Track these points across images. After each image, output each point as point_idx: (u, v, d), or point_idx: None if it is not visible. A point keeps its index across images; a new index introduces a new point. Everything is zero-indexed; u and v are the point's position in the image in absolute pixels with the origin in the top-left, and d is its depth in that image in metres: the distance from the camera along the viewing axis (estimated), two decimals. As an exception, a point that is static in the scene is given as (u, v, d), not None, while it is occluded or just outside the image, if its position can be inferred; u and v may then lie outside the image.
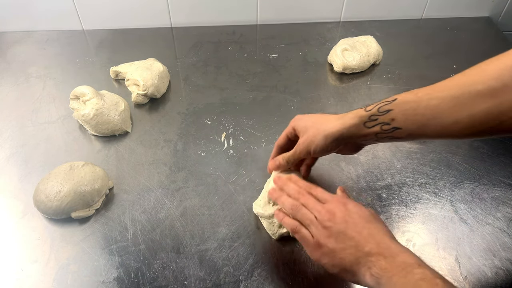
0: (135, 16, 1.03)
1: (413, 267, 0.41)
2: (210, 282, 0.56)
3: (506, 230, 0.62)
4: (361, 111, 0.52)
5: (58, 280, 0.56)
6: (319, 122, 0.55)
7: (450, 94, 0.45)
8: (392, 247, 0.44)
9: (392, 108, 0.49)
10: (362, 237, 0.45)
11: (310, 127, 0.55)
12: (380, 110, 0.50)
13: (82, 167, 0.64)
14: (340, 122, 0.53)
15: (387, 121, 0.49)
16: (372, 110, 0.51)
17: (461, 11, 1.11)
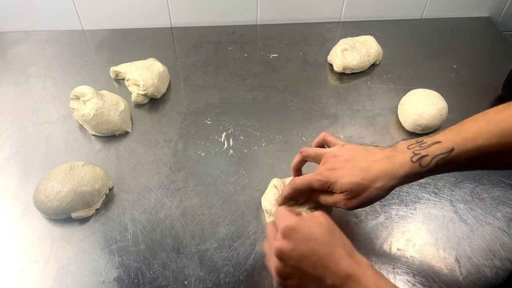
0: (135, 16, 1.03)
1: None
2: (210, 282, 0.56)
3: (506, 230, 0.62)
4: (415, 167, 0.47)
5: (58, 280, 0.56)
6: (366, 183, 0.48)
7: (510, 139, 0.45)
8: (351, 273, 0.41)
9: (451, 160, 0.47)
10: (320, 270, 0.42)
11: (357, 190, 0.49)
12: (438, 164, 0.47)
13: (82, 167, 0.64)
14: (394, 182, 0.48)
15: (445, 170, 0.48)
16: (430, 165, 0.47)
17: (461, 11, 1.11)
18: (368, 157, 0.50)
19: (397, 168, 0.48)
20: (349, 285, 0.40)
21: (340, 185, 0.49)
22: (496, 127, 0.46)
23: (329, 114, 0.82)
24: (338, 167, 0.50)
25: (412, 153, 0.48)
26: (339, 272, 0.41)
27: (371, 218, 0.64)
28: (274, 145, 0.75)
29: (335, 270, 0.41)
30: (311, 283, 0.42)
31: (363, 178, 0.48)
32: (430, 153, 0.47)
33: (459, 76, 0.91)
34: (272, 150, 0.74)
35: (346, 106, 0.84)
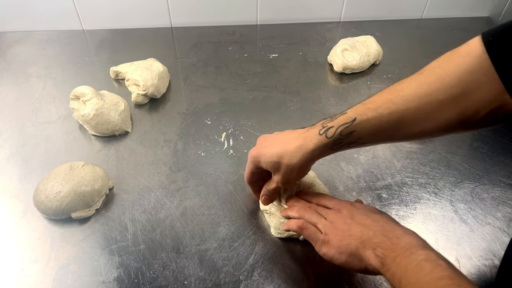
0: (135, 16, 1.03)
1: (417, 248, 0.41)
2: (210, 282, 0.56)
3: (506, 230, 0.62)
4: (322, 139, 0.50)
5: (58, 280, 0.56)
6: (281, 156, 0.52)
7: (412, 106, 0.46)
8: (396, 229, 0.45)
9: (354, 129, 0.49)
10: (367, 223, 0.47)
11: (276, 165, 0.53)
12: (342, 134, 0.49)
13: (82, 167, 0.64)
14: (304, 155, 0.51)
15: (353, 140, 0.50)
16: (334, 135, 0.49)
17: (461, 11, 1.11)
18: (287, 135, 0.54)
19: (308, 142, 0.51)
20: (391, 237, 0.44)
21: (264, 163, 0.54)
22: (396, 95, 0.47)
23: (329, 114, 0.82)
24: (263, 146, 0.55)
25: (321, 126, 0.51)
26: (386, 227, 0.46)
27: (371, 218, 0.64)
28: (274, 145, 0.75)
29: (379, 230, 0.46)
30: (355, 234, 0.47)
31: (279, 156, 0.52)
32: (335, 124, 0.49)
33: (459, 76, 0.91)
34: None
35: (346, 106, 0.83)
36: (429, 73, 0.47)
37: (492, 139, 0.76)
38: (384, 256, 0.42)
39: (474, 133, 0.77)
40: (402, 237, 0.43)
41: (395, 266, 0.41)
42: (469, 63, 0.43)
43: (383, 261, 0.42)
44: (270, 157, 0.53)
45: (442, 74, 0.45)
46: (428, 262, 0.39)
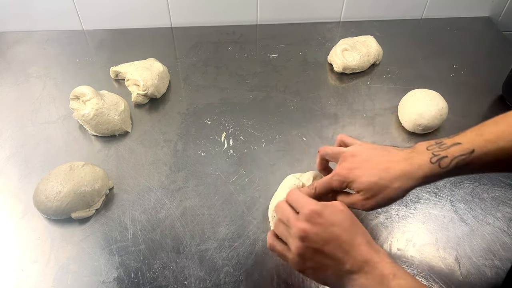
0: (135, 16, 1.03)
1: (389, 280, 0.41)
2: (210, 282, 0.56)
3: (506, 230, 0.62)
4: (434, 168, 0.47)
5: (58, 280, 0.56)
6: (384, 182, 0.48)
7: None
8: (369, 259, 0.42)
9: (471, 161, 0.46)
10: (340, 255, 0.43)
11: (375, 189, 0.48)
12: (458, 165, 0.46)
13: (82, 167, 0.64)
14: (412, 182, 0.47)
15: (466, 171, 0.48)
16: (449, 166, 0.46)
17: (461, 11, 1.11)
18: (387, 157, 0.50)
19: (416, 169, 0.47)
20: (366, 270, 0.42)
21: (358, 184, 0.49)
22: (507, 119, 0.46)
23: (329, 114, 0.82)
24: (357, 166, 0.50)
25: (432, 154, 0.47)
26: (358, 257, 0.42)
27: (371, 218, 0.64)
28: (274, 145, 0.75)
29: (354, 256, 0.43)
30: (329, 267, 0.44)
31: (381, 178, 0.48)
32: (450, 155, 0.46)
33: (459, 76, 0.91)
34: (272, 150, 0.74)
35: (346, 106, 0.84)
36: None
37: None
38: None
39: (474, 133, 0.77)
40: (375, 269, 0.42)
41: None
42: None
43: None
44: (368, 177, 0.48)
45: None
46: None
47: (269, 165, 0.72)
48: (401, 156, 0.49)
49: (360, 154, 0.51)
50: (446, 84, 0.88)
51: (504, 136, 0.45)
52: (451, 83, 0.90)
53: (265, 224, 0.63)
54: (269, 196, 0.66)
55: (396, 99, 0.83)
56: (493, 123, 0.47)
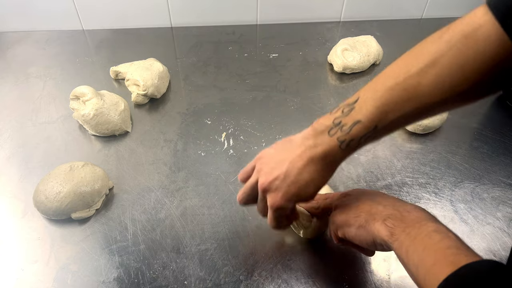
0: (135, 16, 1.03)
1: (427, 221, 0.41)
2: (210, 282, 0.56)
3: (506, 230, 0.62)
4: (347, 151, 0.46)
5: (58, 280, 0.56)
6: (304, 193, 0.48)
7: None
8: (407, 205, 0.45)
9: (376, 134, 0.45)
10: (376, 199, 0.47)
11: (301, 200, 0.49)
12: (367, 141, 0.46)
13: (82, 167, 0.64)
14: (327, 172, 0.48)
15: (373, 141, 0.46)
16: (359, 145, 0.46)
17: (461, 11, 1.10)
18: (291, 158, 0.47)
19: (326, 157, 0.46)
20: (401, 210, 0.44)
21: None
22: (414, 91, 0.43)
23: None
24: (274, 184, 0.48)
25: (337, 140, 0.45)
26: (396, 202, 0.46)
27: (371, 218, 0.64)
28: (274, 145, 0.75)
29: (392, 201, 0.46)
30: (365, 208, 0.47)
31: (298, 195, 0.47)
32: (356, 136, 0.45)
33: (459, 76, 0.91)
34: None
35: (346, 106, 0.84)
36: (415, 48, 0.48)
37: (492, 139, 0.76)
38: (394, 227, 0.42)
39: (474, 133, 0.77)
40: (412, 211, 0.43)
41: (404, 236, 0.41)
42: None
43: (393, 231, 0.42)
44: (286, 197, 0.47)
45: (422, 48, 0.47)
46: (438, 233, 0.40)
47: (269, 165, 0.72)
48: (304, 151, 0.47)
49: (267, 156, 0.52)
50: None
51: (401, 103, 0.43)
52: (451, 83, 0.89)
53: (266, 224, 0.63)
54: (269, 196, 0.66)
55: (396, 99, 0.83)
56: (388, 90, 0.44)
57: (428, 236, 0.39)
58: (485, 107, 0.84)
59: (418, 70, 0.44)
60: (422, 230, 0.40)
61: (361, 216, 0.46)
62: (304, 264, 0.58)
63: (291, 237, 0.61)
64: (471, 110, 0.82)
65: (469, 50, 0.41)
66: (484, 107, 0.84)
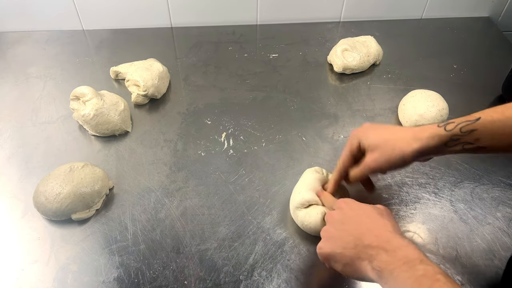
0: (135, 16, 1.03)
1: (414, 263, 0.40)
2: (210, 282, 0.56)
3: (506, 230, 0.62)
4: (440, 130, 0.49)
5: (58, 280, 0.56)
6: (392, 139, 0.52)
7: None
8: (393, 241, 0.43)
9: (476, 128, 0.48)
10: (361, 232, 0.46)
11: (383, 146, 0.52)
12: (462, 130, 0.48)
13: (82, 168, 0.64)
14: (419, 143, 0.49)
15: (470, 141, 0.48)
16: (453, 130, 0.48)
17: (461, 11, 1.11)
18: (397, 127, 0.54)
19: (422, 131, 0.50)
20: (387, 248, 0.43)
21: (367, 140, 0.53)
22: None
23: (329, 114, 0.82)
24: (370, 130, 0.55)
25: (441, 122, 0.50)
26: (380, 237, 0.44)
27: (371, 218, 0.64)
28: (274, 145, 0.75)
29: (376, 235, 0.45)
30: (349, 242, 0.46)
31: (388, 137, 0.52)
32: (457, 121, 0.49)
33: (459, 76, 0.91)
34: (272, 150, 0.74)
35: (346, 106, 0.84)
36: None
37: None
38: (381, 269, 0.42)
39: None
40: (399, 249, 0.42)
41: (393, 281, 0.41)
42: None
43: (380, 274, 0.42)
44: (377, 135, 0.53)
45: None
46: (426, 278, 0.39)
47: (269, 165, 0.72)
48: (410, 127, 0.54)
49: (375, 126, 0.56)
50: (446, 84, 0.88)
51: (509, 107, 0.46)
52: (451, 83, 0.90)
53: (266, 224, 0.63)
54: (269, 196, 0.66)
55: (396, 99, 0.83)
56: (501, 106, 0.49)
57: (418, 282, 0.39)
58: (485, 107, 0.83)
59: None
60: (410, 275, 0.40)
61: (346, 252, 0.46)
62: (304, 264, 0.58)
63: (291, 237, 0.61)
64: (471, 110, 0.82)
65: None
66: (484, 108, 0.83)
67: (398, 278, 0.40)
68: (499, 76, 0.86)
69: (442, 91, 0.78)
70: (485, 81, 0.89)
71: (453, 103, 0.77)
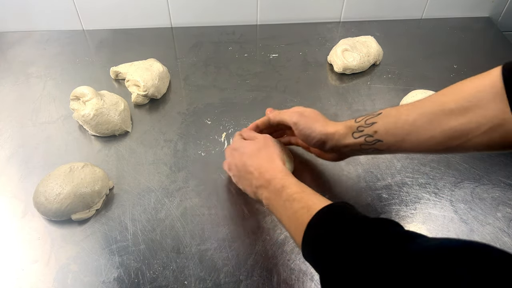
0: (135, 16, 1.03)
1: (280, 191, 0.50)
2: (210, 282, 0.56)
3: (506, 230, 0.62)
4: (351, 122, 0.55)
5: (58, 280, 0.56)
6: (314, 121, 0.59)
7: (427, 110, 0.49)
8: (266, 175, 0.53)
9: (376, 121, 0.52)
10: (249, 176, 0.56)
11: (304, 123, 0.59)
12: (366, 122, 0.53)
13: (82, 168, 0.64)
14: (333, 128, 0.56)
15: (370, 133, 0.53)
16: (360, 121, 0.54)
17: (461, 11, 1.11)
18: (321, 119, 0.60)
19: (338, 127, 0.56)
20: (265, 185, 0.53)
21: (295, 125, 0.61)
22: (419, 101, 0.51)
23: (329, 114, 0.82)
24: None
25: (353, 120, 0.56)
26: (259, 176, 0.54)
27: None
28: (274, 145, 0.75)
29: (257, 176, 0.55)
30: (247, 186, 0.57)
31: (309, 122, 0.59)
32: (367, 115, 0.55)
33: (459, 76, 0.91)
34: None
35: (346, 106, 0.84)
36: (451, 87, 0.51)
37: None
38: (267, 204, 0.53)
39: (474, 133, 0.77)
40: (270, 183, 0.52)
41: (275, 210, 0.51)
42: (483, 83, 0.47)
43: (269, 207, 0.53)
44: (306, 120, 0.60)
45: (461, 87, 0.49)
46: (288, 202, 0.49)
47: (269, 165, 0.72)
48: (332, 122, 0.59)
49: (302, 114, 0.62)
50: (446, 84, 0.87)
51: (406, 106, 0.52)
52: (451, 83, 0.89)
53: (266, 224, 0.63)
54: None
55: (396, 99, 0.83)
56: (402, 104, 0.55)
57: (284, 207, 0.49)
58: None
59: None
60: (281, 202, 0.50)
61: (248, 190, 0.57)
62: (304, 264, 0.58)
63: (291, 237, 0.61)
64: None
65: (470, 81, 0.50)
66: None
67: (277, 208, 0.51)
68: (499, 76, 0.86)
69: (442, 91, 0.78)
70: (485, 81, 0.89)
71: (453, 103, 0.77)
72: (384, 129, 0.51)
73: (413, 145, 0.50)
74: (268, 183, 0.53)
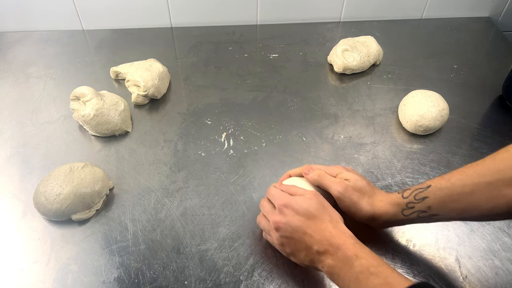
0: (135, 16, 1.03)
1: (352, 260, 0.45)
2: (210, 282, 0.56)
3: (506, 230, 0.62)
4: (398, 197, 0.53)
5: (59, 280, 0.56)
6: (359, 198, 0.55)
7: (483, 180, 0.47)
8: (333, 240, 0.48)
9: (427, 195, 0.51)
10: (308, 239, 0.49)
11: (349, 200, 0.55)
12: (416, 198, 0.51)
13: (82, 168, 0.64)
14: (381, 208, 0.54)
15: (423, 209, 0.51)
16: (409, 197, 0.52)
17: (461, 11, 1.11)
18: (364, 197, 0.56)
19: (386, 207, 0.54)
20: (331, 251, 0.47)
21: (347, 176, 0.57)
22: (470, 169, 0.49)
23: (329, 114, 0.82)
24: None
25: (400, 195, 0.54)
26: (323, 241, 0.48)
27: (371, 218, 0.64)
28: (274, 145, 0.75)
29: (319, 239, 0.48)
30: (301, 250, 0.50)
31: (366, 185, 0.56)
32: (412, 188, 0.53)
33: (459, 76, 0.91)
34: (272, 150, 0.74)
35: (346, 106, 0.84)
36: (504, 151, 0.48)
37: (492, 139, 0.76)
38: (330, 272, 0.48)
39: (474, 133, 0.78)
40: (338, 250, 0.47)
41: (341, 281, 0.47)
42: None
43: (332, 276, 0.48)
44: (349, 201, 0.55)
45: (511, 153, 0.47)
46: (363, 275, 0.44)
47: (269, 165, 0.72)
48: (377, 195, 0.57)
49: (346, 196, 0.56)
50: (446, 84, 0.88)
51: (457, 175, 0.50)
52: (451, 83, 0.90)
53: (265, 224, 0.63)
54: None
55: (396, 99, 0.83)
56: (448, 173, 0.52)
57: (357, 280, 0.44)
58: (485, 107, 0.84)
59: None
60: (351, 274, 0.45)
61: (303, 259, 0.51)
62: (304, 264, 0.58)
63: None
64: (471, 110, 0.82)
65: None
66: (484, 108, 0.84)
67: (344, 279, 0.46)
68: (499, 76, 0.87)
69: (442, 91, 0.78)
70: (485, 81, 0.89)
71: (453, 103, 0.77)
72: (438, 203, 0.50)
73: (475, 216, 0.49)
74: (336, 249, 0.47)
